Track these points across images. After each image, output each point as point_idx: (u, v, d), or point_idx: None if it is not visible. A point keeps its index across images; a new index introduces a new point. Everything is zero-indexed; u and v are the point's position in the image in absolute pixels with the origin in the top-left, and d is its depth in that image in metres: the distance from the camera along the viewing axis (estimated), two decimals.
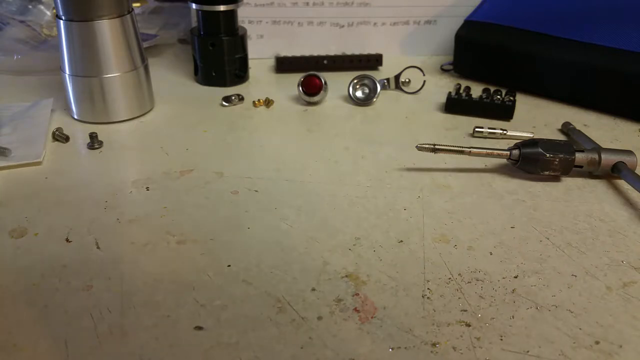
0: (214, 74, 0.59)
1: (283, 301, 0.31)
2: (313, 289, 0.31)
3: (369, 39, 0.66)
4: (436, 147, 0.42)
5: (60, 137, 0.47)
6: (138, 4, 0.74)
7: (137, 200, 0.39)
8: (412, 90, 0.58)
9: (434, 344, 0.28)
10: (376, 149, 0.47)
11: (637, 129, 0.50)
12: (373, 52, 0.64)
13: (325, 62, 0.62)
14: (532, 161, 0.41)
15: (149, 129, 0.50)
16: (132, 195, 0.40)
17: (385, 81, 0.57)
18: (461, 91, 0.54)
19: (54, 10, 0.53)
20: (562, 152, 0.41)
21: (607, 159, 0.41)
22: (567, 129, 0.49)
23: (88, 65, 0.48)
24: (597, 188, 0.41)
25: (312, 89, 0.54)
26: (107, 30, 0.47)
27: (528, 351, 0.28)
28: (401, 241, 0.35)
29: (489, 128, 0.48)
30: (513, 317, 0.30)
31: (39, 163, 0.44)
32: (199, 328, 0.29)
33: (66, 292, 0.31)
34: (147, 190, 0.41)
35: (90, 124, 0.50)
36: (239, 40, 0.58)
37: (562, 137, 0.49)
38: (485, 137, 0.49)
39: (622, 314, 0.30)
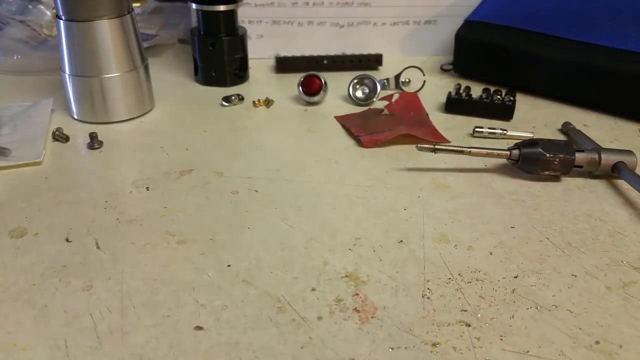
0: (214, 74, 0.59)
1: (283, 301, 0.31)
2: (313, 289, 0.31)
3: (369, 39, 0.66)
4: (436, 147, 0.42)
5: (60, 137, 0.47)
6: (138, 4, 0.74)
7: (137, 200, 0.39)
8: (412, 90, 0.58)
9: (434, 344, 0.28)
10: (376, 149, 0.47)
11: (637, 129, 0.50)
12: (373, 52, 0.64)
13: (325, 62, 0.62)
14: (532, 161, 0.41)
15: (149, 129, 0.50)
16: (132, 195, 0.40)
17: (385, 81, 0.57)
18: (461, 91, 0.54)
19: (54, 10, 0.53)
20: (562, 152, 0.41)
21: (607, 159, 0.41)
22: (567, 129, 0.49)
23: (88, 65, 0.48)
24: (597, 188, 0.41)
25: (312, 89, 0.54)
26: (107, 30, 0.47)
27: (528, 351, 0.28)
28: (401, 241, 0.35)
29: (489, 128, 0.48)
30: (513, 317, 0.30)
31: (39, 163, 0.44)
32: (199, 328, 0.29)
33: (66, 292, 0.31)
34: (147, 190, 0.41)
35: (90, 124, 0.50)
36: (239, 40, 0.58)
37: (562, 137, 0.49)
38: (485, 137, 0.49)
39: (622, 314, 0.30)
